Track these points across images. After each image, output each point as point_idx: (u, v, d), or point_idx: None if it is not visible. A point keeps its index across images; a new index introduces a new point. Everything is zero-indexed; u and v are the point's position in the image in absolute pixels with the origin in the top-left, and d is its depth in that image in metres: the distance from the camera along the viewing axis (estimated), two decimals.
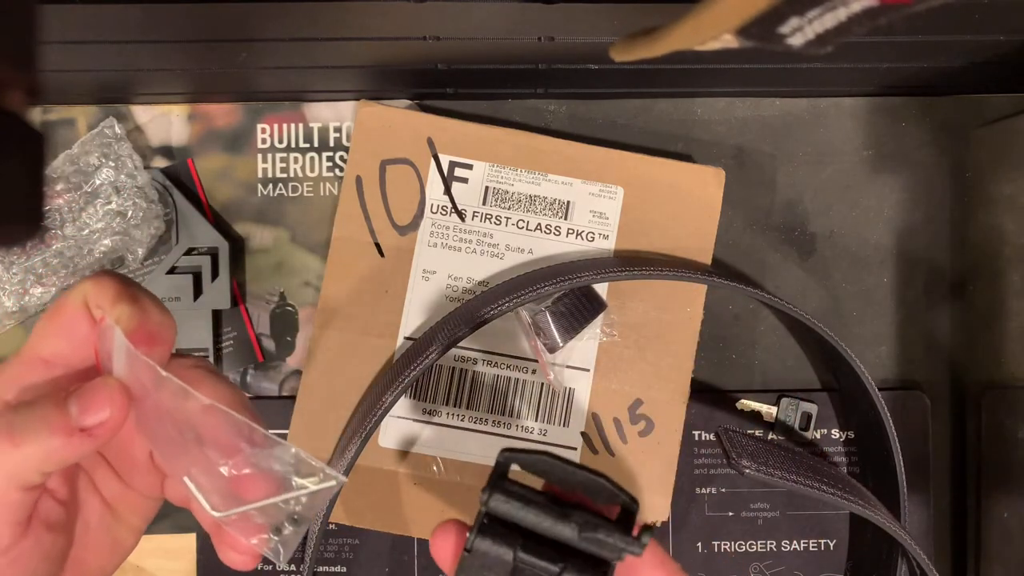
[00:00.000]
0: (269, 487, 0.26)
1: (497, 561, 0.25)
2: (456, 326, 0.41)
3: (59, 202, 0.44)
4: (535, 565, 0.25)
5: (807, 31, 0.19)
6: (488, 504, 0.25)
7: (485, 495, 0.25)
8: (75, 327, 0.27)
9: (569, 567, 0.25)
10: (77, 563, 0.29)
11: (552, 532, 0.25)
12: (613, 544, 0.24)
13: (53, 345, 0.27)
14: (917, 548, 0.40)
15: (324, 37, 0.38)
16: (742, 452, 0.39)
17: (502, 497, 0.25)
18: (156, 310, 0.27)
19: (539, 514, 0.25)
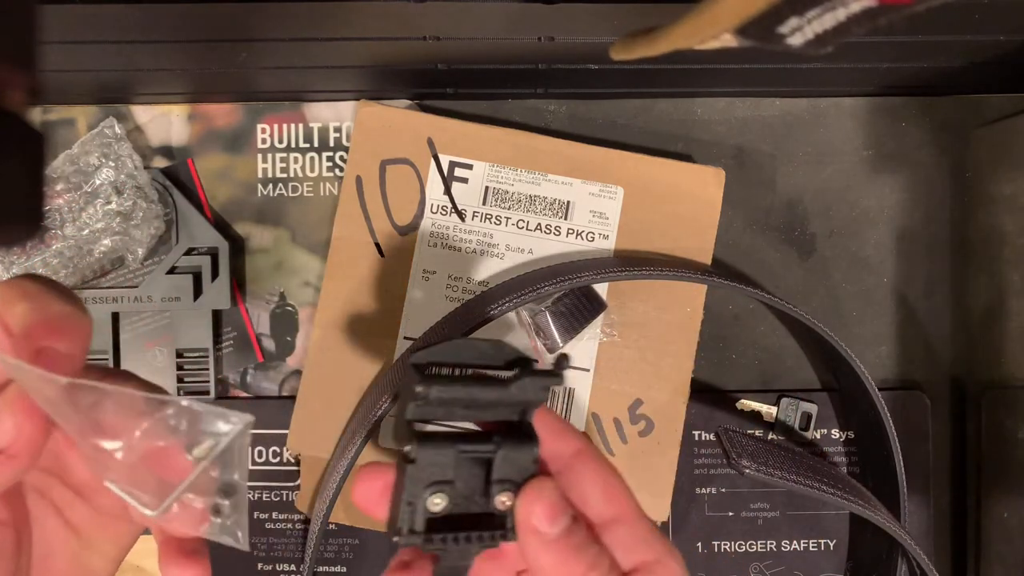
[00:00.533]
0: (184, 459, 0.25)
1: (441, 462, 0.26)
2: (456, 326, 0.41)
3: (59, 202, 0.45)
4: (475, 451, 0.26)
5: (806, 31, 0.19)
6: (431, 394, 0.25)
7: (423, 388, 0.25)
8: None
9: (502, 440, 0.26)
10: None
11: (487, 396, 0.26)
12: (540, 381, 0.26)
13: None
14: (917, 548, 0.40)
15: (324, 37, 0.38)
16: (742, 452, 0.39)
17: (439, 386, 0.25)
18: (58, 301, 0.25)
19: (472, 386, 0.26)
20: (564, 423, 0.29)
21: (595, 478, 0.28)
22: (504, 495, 0.26)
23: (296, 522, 0.47)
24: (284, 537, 0.47)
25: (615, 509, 0.28)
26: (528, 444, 0.27)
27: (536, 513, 0.26)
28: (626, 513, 0.28)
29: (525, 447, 0.27)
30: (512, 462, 0.26)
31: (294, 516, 0.47)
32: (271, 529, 0.47)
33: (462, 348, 0.26)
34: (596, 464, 0.28)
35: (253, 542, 0.47)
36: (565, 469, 0.28)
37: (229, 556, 0.47)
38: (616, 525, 0.27)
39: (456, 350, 0.26)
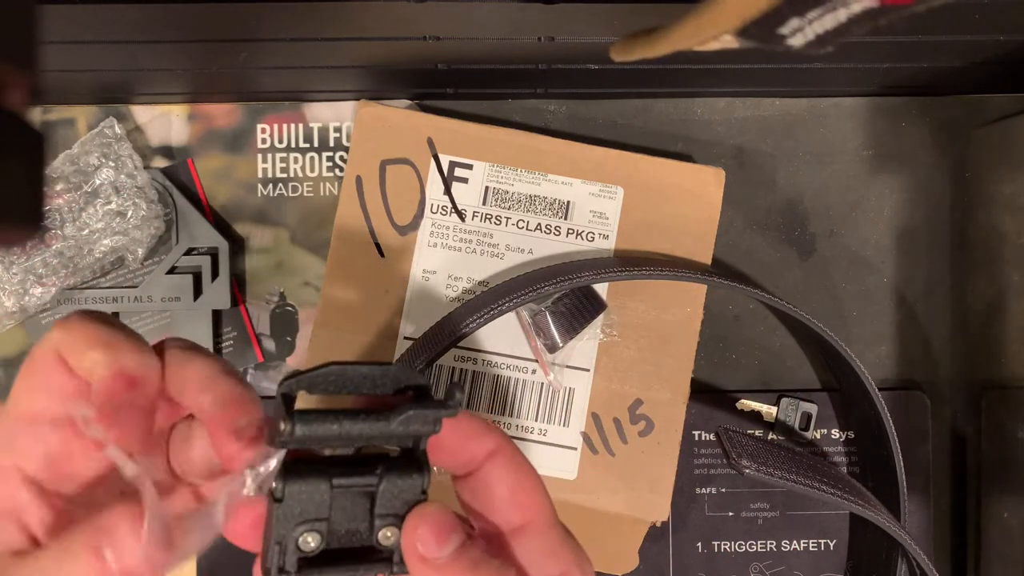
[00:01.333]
0: None
1: (312, 499, 0.23)
2: (456, 326, 0.41)
3: (59, 202, 0.44)
4: (354, 484, 0.24)
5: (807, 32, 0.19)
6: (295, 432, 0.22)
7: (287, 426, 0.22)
8: (50, 380, 0.25)
9: (384, 471, 0.24)
10: None
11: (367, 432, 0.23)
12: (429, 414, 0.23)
13: (32, 401, 0.25)
14: (917, 548, 0.40)
15: (324, 37, 0.38)
16: (742, 452, 0.39)
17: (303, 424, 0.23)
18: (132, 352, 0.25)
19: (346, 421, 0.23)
20: (479, 422, 0.26)
21: (504, 481, 0.25)
22: (388, 529, 0.24)
23: None
24: None
25: (523, 515, 0.25)
26: (416, 474, 0.24)
27: (422, 538, 0.24)
28: (535, 519, 0.25)
29: (412, 478, 0.24)
30: (397, 495, 0.24)
31: None
32: None
33: (342, 375, 0.23)
34: (507, 466, 0.26)
35: None
36: (476, 472, 0.26)
37: (229, 556, 0.47)
38: (524, 533, 0.25)
39: (335, 377, 0.23)
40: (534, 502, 0.25)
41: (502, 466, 0.26)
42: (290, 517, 0.23)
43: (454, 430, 0.25)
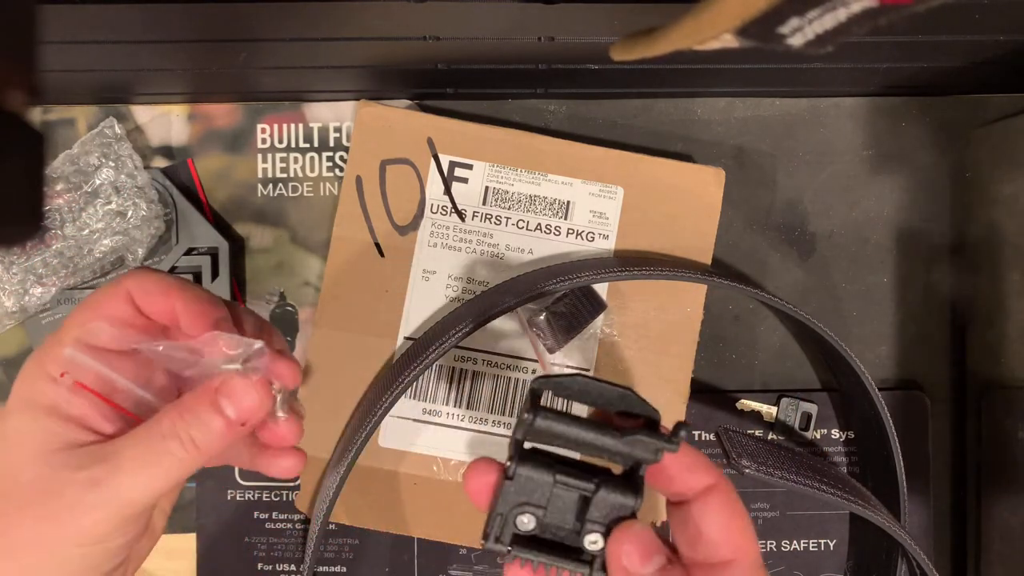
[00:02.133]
0: None
1: (536, 486, 0.26)
2: (456, 326, 0.41)
3: (59, 202, 0.44)
4: (573, 484, 0.26)
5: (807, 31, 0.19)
6: (535, 424, 0.26)
7: (529, 416, 0.26)
8: (115, 316, 0.30)
9: (604, 482, 0.26)
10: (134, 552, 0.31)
11: (595, 442, 0.26)
12: (652, 444, 0.26)
13: (92, 331, 0.30)
14: (917, 548, 0.40)
15: (324, 37, 0.38)
16: (742, 452, 0.39)
17: (546, 417, 0.26)
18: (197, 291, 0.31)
19: (581, 428, 0.26)
20: (700, 457, 0.28)
21: (716, 518, 0.27)
22: (595, 535, 0.26)
23: (296, 522, 0.47)
24: (284, 537, 0.47)
25: (731, 552, 0.27)
26: (630, 495, 0.26)
27: (627, 552, 0.26)
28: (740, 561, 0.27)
29: (627, 496, 0.26)
30: (609, 507, 0.26)
31: (294, 516, 0.47)
32: (271, 529, 0.47)
33: (586, 388, 0.27)
34: (722, 504, 0.27)
35: (253, 542, 0.47)
36: (690, 503, 0.27)
37: (229, 556, 0.47)
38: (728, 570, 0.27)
39: (579, 387, 0.27)
40: (742, 543, 0.27)
41: (717, 503, 0.27)
42: (514, 496, 0.26)
43: (678, 460, 0.27)
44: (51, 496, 0.28)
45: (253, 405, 0.30)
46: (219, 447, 0.30)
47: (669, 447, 0.26)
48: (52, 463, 0.28)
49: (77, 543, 0.28)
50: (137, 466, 0.28)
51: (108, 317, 0.30)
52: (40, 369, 0.29)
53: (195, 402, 0.29)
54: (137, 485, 0.28)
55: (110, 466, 0.28)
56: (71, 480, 0.28)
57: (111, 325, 0.30)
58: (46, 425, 0.28)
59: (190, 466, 0.29)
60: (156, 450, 0.29)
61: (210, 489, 0.47)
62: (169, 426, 0.29)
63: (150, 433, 0.29)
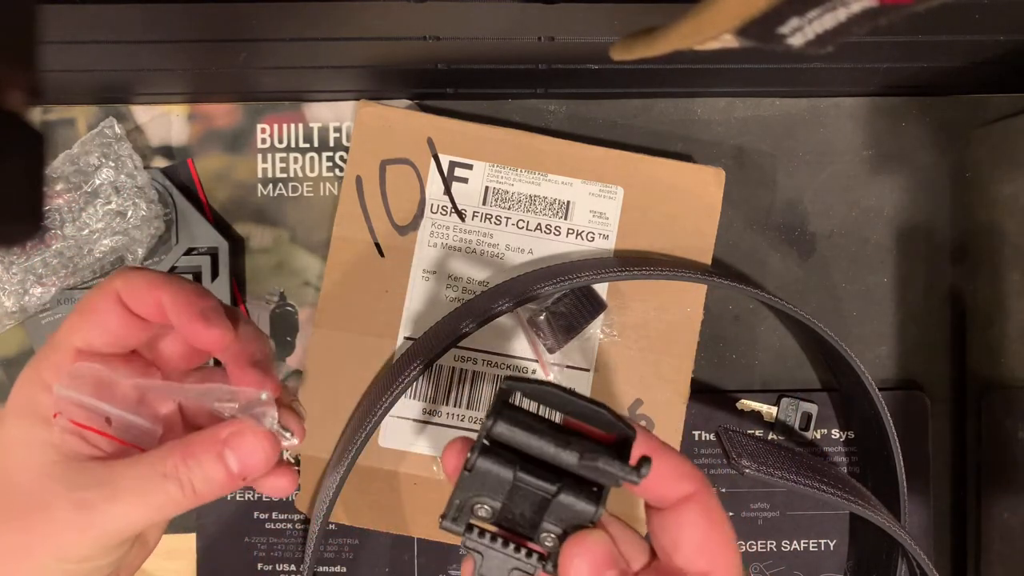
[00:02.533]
0: None
1: (496, 481, 0.26)
2: (456, 326, 0.41)
3: (59, 202, 0.44)
4: (533, 484, 0.26)
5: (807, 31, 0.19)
6: (492, 430, 0.25)
7: (490, 421, 0.25)
8: (107, 320, 0.29)
9: (565, 487, 0.25)
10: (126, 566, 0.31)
11: (553, 458, 0.25)
12: (612, 473, 0.25)
13: (85, 337, 0.29)
14: (917, 548, 0.40)
15: (324, 37, 0.38)
16: (742, 452, 0.39)
17: (506, 423, 0.25)
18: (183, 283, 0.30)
19: (541, 440, 0.25)
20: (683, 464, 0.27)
21: (696, 527, 0.26)
22: (549, 538, 0.26)
23: (296, 522, 0.47)
24: (284, 537, 0.47)
25: (708, 564, 0.26)
26: (592, 503, 0.26)
27: (577, 567, 0.25)
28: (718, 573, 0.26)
29: (588, 504, 0.26)
30: (568, 512, 0.26)
31: (294, 516, 0.47)
32: (271, 529, 0.47)
33: (559, 398, 0.26)
34: (702, 513, 0.26)
35: (253, 542, 0.47)
36: (670, 510, 0.27)
37: (229, 556, 0.47)
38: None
39: (551, 397, 0.26)
40: (721, 555, 0.26)
41: (696, 512, 0.26)
42: (472, 487, 0.26)
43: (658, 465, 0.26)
44: (39, 509, 0.27)
45: (259, 462, 0.29)
46: (217, 496, 0.29)
47: (630, 479, 0.24)
48: (46, 475, 0.28)
49: (59, 558, 0.28)
50: (132, 498, 0.28)
51: (101, 322, 0.30)
52: (37, 377, 0.29)
53: (201, 449, 0.29)
54: (128, 517, 0.28)
55: (105, 493, 0.28)
56: (62, 497, 0.27)
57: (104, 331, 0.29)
58: (43, 435, 0.28)
59: (185, 507, 0.29)
60: (155, 488, 0.28)
61: None
62: (172, 468, 0.28)
63: (152, 470, 0.28)
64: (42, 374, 0.29)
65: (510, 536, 0.26)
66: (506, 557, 0.26)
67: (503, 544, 0.26)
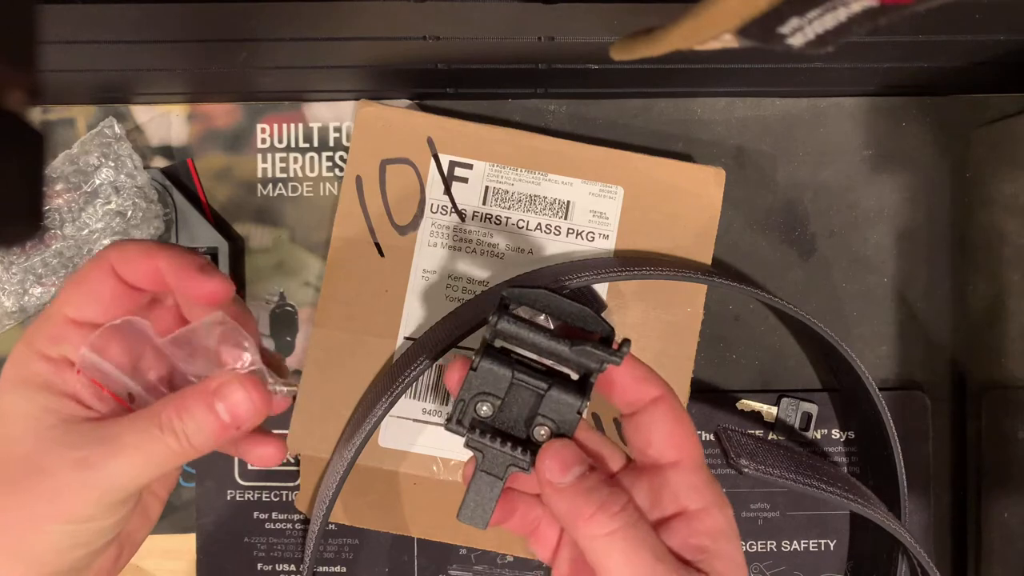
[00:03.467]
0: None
1: (497, 379, 0.30)
2: (455, 326, 0.41)
3: (59, 202, 0.44)
4: (528, 382, 0.30)
5: (807, 31, 0.19)
6: (497, 326, 0.30)
7: (494, 318, 0.30)
8: (100, 290, 0.31)
9: (556, 383, 0.30)
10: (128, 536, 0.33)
11: (548, 348, 0.30)
12: (599, 354, 0.29)
13: (78, 307, 0.30)
14: (917, 547, 0.40)
15: (324, 37, 0.38)
16: (741, 451, 0.39)
17: (509, 320, 0.30)
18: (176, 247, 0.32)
19: (538, 334, 0.30)
20: (649, 372, 0.31)
21: (664, 423, 0.31)
22: (543, 429, 0.30)
23: (296, 522, 0.47)
24: (284, 537, 0.47)
25: (676, 454, 0.30)
26: (577, 396, 0.30)
27: (548, 467, 0.29)
28: (685, 459, 0.30)
29: (573, 397, 0.30)
30: (559, 405, 0.30)
31: (294, 516, 0.47)
32: (271, 529, 0.47)
33: (549, 302, 0.31)
34: (668, 412, 0.31)
35: (253, 542, 0.47)
36: (640, 411, 0.31)
37: (229, 556, 0.47)
38: (675, 469, 0.30)
39: (545, 300, 0.31)
40: (687, 445, 0.31)
41: (663, 411, 0.31)
42: (475, 385, 0.31)
43: (628, 373, 0.31)
44: (40, 473, 0.28)
45: (248, 410, 0.30)
46: (213, 446, 0.30)
47: (612, 359, 0.29)
48: (45, 439, 0.29)
49: (63, 520, 0.28)
50: (132, 452, 0.29)
51: (93, 293, 0.31)
52: (30, 348, 0.30)
53: (193, 401, 0.30)
54: (129, 471, 0.29)
55: (105, 449, 0.28)
56: (62, 458, 0.28)
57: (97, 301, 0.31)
58: (41, 401, 0.29)
59: (183, 458, 0.30)
60: (153, 440, 0.29)
61: (210, 489, 0.47)
62: (167, 420, 0.29)
63: (149, 423, 0.29)
64: (36, 344, 0.30)
65: (506, 436, 0.30)
66: (504, 454, 0.30)
67: (501, 442, 0.30)
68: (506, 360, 0.31)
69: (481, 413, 0.31)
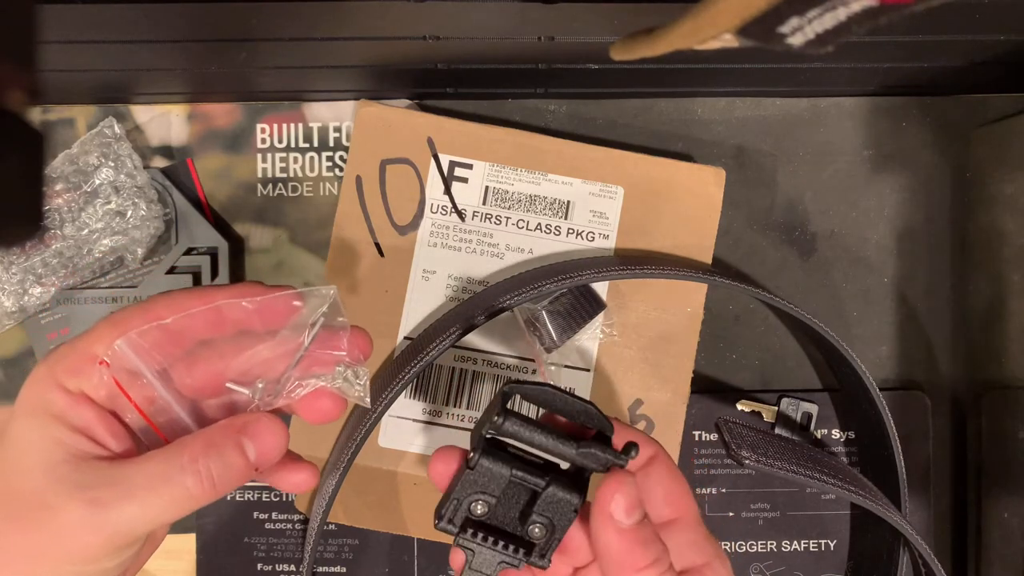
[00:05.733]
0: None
1: (494, 478, 0.29)
2: (454, 326, 0.41)
3: (59, 202, 0.44)
4: (527, 480, 0.29)
5: (807, 31, 0.19)
6: (503, 427, 0.29)
7: (499, 419, 0.28)
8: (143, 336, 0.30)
9: (553, 480, 0.29)
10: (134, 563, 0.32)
11: (555, 449, 0.29)
12: (604, 458, 0.29)
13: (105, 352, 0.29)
14: (918, 538, 0.40)
15: (324, 37, 0.38)
16: (742, 443, 0.39)
17: (514, 422, 0.29)
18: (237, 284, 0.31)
19: (544, 435, 0.29)
20: (639, 433, 0.32)
21: (661, 482, 0.31)
22: (538, 528, 0.29)
23: (296, 522, 0.47)
24: (284, 537, 0.47)
25: (675, 512, 0.31)
26: (575, 494, 0.29)
27: (617, 502, 0.28)
28: (685, 517, 0.31)
29: (571, 495, 0.29)
30: (555, 504, 0.29)
31: (294, 516, 0.47)
32: (271, 529, 0.47)
33: (552, 398, 0.30)
34: (665, 470, 0.31)
35: (253, 542, 0.47)
36: (638, 473, 0.31)
37: (229, 556, 0.47)
38: (674, 526, 0.30)
39: (546, 397, 0.30)
40: (684, 503, 0.31)
41: (659, 470, 0.31)
42: (472, 484, 0.29)
43: (620, 438, 0.30)
44: (49, 510, 0.27)
45: (273, 449, 0.30)
46: (234, 487, 0.29)
47: (617, 462, 0.29)
48: (55, 475, 0.27)
49: (68, 561, 0.27)
50: (146, 495, 0.27)
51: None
52: (50, 376, 0.29)
53: (221, 437, 0.29)
54: (142, 515, 0.27)
55: (118, 491, 0.27)
56: (72, 497, 0.27)
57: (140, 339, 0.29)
58: (52, 433, 0.28)
59: (200, 503, 0.29)
60: (171, 482, 0.28)
61: None
62: (190, 460, 0.28)
63: (168, 464, 0.28)
64: (56, 375, 0.29)
65: (498, 534, 0.30)
66: (495, 553, 0.29)
67: (493, 542, 0.29)
68: (504, 457, 0.29)
69: (476, 513, 0.30)
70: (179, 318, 0.30)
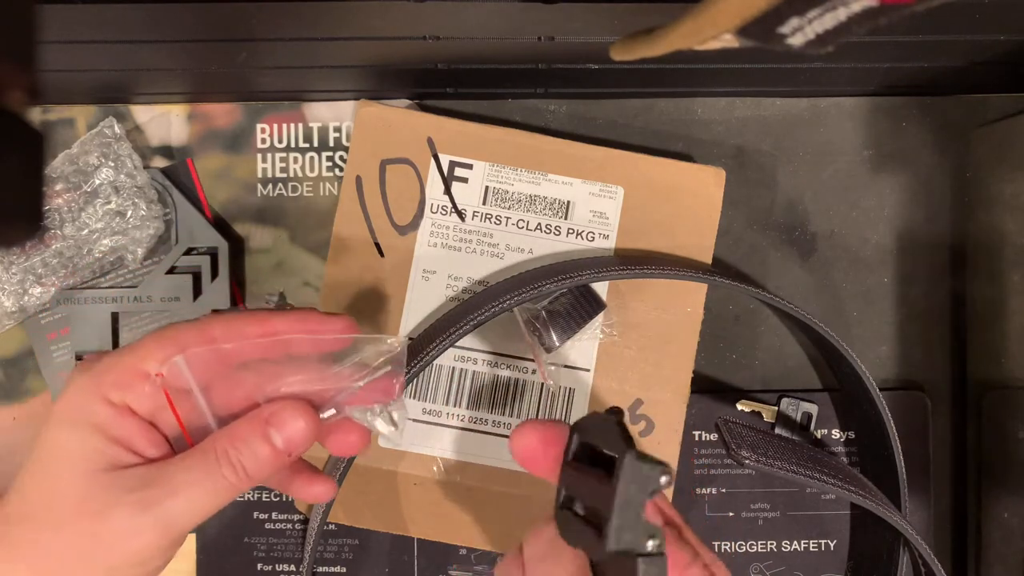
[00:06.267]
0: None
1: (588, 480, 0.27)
2: (454, 325, 0.41)
3: (59, 202, 0.44)
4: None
5: (807, 31, 0.19)
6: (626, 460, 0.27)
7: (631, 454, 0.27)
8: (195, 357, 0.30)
9: None
10: None
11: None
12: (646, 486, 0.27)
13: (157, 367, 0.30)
14: (918, 538, 0.40)
15: (324, 37, 0.38)
16: (742, 443, 0.39)
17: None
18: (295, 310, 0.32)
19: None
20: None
21: None
22: None
23: (296, 522, 0.47)
24: (284, 537, 0.47)
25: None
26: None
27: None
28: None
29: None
30: None
31: (294, 516, 0.47)
32: (271, 529, 0.47)
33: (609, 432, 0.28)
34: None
35: (253, 542, 0.47)
36: None
37: (229, 556, 0.47)
38: None
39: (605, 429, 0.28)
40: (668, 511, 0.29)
41: None
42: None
43: None
44: (96, 517, 0.28)
45: (300, 436, 0.30)
46: (266, 475, 0.30)
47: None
48: (98, 481, 0.28)
49: (124, 564, 0.28)
50: (191, 489, 0.28)
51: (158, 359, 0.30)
52: (96, 389, 0.29)
53: (246, 430, 0.30)
54: (189, 508, 0.28)
55: (163, 490, 0.28)
56: (119, 502, 0.28)
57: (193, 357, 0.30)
58: (94, 443, 0.28)
59: (238, 491, 0.30)
60: (210, 475, 0.29)
61: None
62: (222, 452, 0.29)
63: (205, 458, 0.29)
64: (102, 386, 0.29)
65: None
66: None
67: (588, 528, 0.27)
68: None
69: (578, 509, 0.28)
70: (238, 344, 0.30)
